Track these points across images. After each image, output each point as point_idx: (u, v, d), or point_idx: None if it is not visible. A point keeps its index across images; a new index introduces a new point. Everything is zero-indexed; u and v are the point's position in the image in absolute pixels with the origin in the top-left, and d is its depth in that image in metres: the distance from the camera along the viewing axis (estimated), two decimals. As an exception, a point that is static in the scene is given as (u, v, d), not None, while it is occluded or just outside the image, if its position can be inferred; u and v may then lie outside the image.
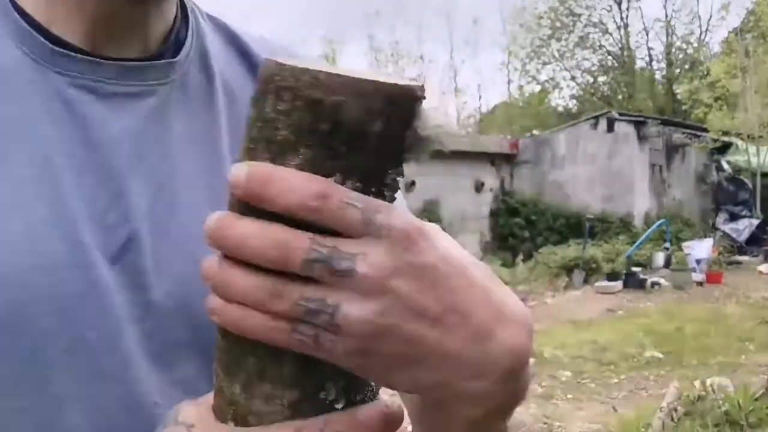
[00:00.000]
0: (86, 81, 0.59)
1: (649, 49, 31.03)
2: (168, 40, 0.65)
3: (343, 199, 0.36)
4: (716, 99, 17.92)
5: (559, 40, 29.36)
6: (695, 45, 28.68)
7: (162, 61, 0.64)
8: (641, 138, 15.21)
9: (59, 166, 0.56)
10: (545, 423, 5.00)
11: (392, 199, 0.39)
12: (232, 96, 0.68)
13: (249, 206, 0.36)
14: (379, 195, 0.38)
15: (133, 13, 0.61)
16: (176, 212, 0.60)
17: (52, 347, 0.51)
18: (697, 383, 4.54)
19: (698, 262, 11.68)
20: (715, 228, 15.45)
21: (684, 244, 12.57)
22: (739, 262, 13.17)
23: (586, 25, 29.41)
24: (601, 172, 15.31)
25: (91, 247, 0.55)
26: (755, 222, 15.06)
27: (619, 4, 28.69)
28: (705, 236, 13.92)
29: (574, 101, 30.88)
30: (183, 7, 0.68)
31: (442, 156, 14.00)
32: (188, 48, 0.66)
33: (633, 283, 10.83)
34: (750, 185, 15.80)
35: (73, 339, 0.52)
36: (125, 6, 0.60)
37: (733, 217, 15.59)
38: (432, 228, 0.41)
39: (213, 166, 0.64)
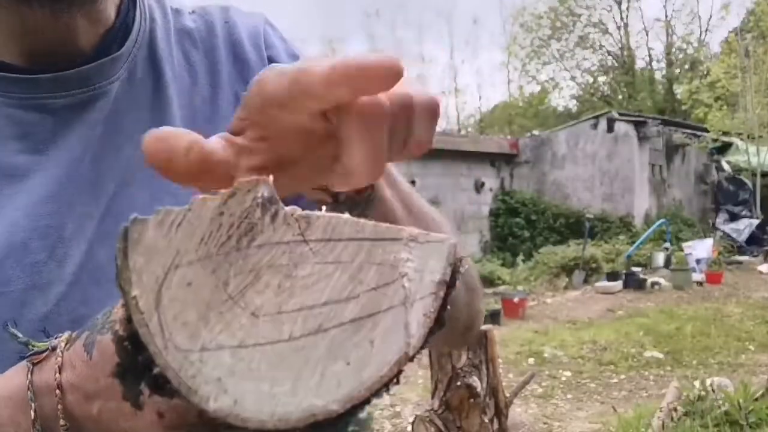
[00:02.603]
0: (32, 101, 0.60)
1: (649, 49, 31.07)
2: (110, 33, 0.64)
3: None
4: (716, 99, 17.91)
5: (559, 40, 29.37)
6: (695, 45, 28.69)
7: (106, 58, 0.63)
8: (641, 138, 15.20)
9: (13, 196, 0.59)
10: (545, 423, 5.00)
11: None
12: (182, 81, 0.68)
13: None
14: None
15: (61, 23, 0.60)
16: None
17: None
18: (697, 383, 4.54)
19: (698, 262, 11.67)
20: (715, 228, 15.44)
21: (684, 244, 12.56)
22: (739, 262, 13.16)
23: (586, 25, 29.39)
24: (601, 172, 15.31)
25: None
26: (755, 222, 15.05)
27: (619, 4, 28.69)
28: (705, 236, 13.92)
29: (574, 101, 30.90)
30: None
31: (443, 156, 14.01)
32: (135, 35, 0.66)
33: (633, 283, 10.82)
34: (750, 185, 15.79)
35: None
36: (49, 19, 0.58)
37: (733, 217, 15.58)
38: None
39: None
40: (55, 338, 0.47)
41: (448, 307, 0.34)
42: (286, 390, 0.31)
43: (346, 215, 0.35)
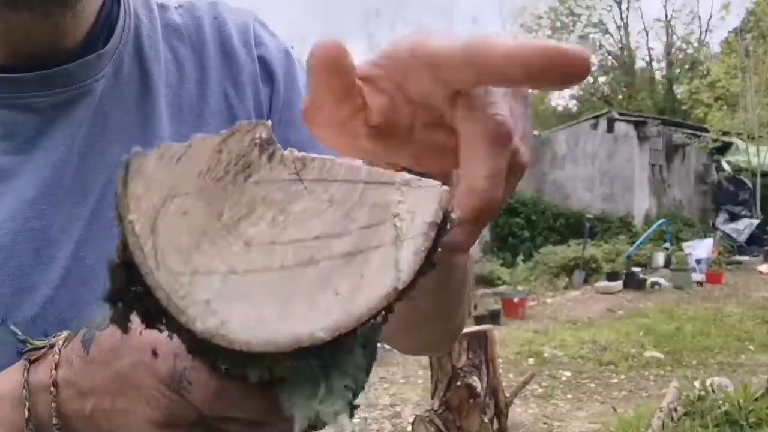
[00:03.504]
0: (16, 100, 0.59)
1: (649, 49, 31.03)
2: (94, 30, 0.64)
3: None
4: (716, 99, 17.91)
5: (559, 40, 29.29)
6: (695, 45, 28.70)
7: (90, 56, 0.62)
8: (641, 138, 15.20)
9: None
10: (545, 423, 5.00)
11: None
12: (169, 78, 0.67)
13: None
14: None
15: (50, 24, 0.59)
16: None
17: None
18: (697, 383, 4.54)
19: (698, 262, 11.67)
20: (715, 228, 15.44)
21: (684, 244, 12.56)
22: (739, 262, 13.15)
23: (586, 25, 29.41)
24: (601, 172, 15.31)
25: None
26: (755, 222, 15.04)
27: (619, 4, 28.72)
28: (705, 236, 13.91)
29: (574, 101, 30.90)
30: None
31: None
32: (120, 32, 0.65)
33: (633, 283, 10.82)
34: (750, 185, 15.79)
35: None
36: (37, 20, 0.58)
37: (733, 217, 15.57)
38: None
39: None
40: (54, 336, 0.47)
41: (439, 249, 0.35)
42: (274, 315, 0.32)
43: (342, 159, 0.36)
